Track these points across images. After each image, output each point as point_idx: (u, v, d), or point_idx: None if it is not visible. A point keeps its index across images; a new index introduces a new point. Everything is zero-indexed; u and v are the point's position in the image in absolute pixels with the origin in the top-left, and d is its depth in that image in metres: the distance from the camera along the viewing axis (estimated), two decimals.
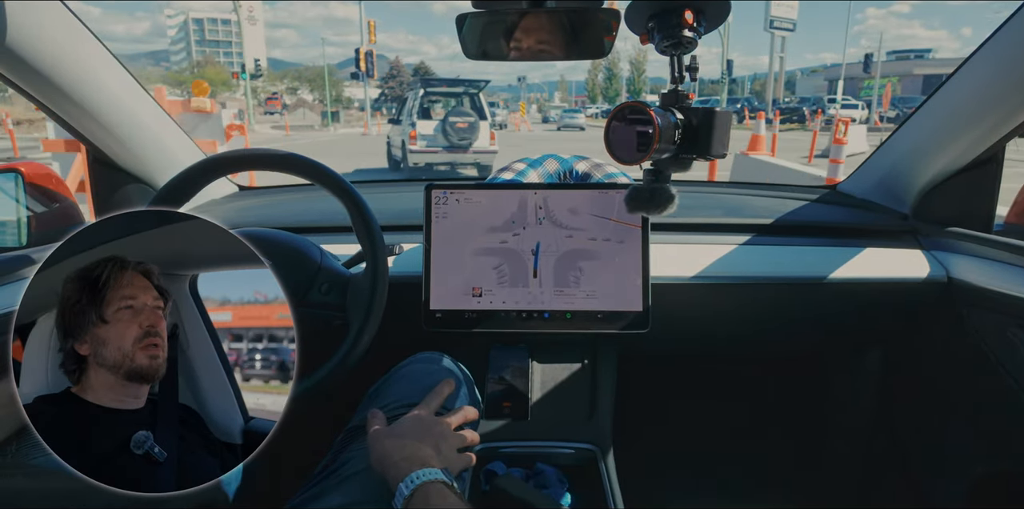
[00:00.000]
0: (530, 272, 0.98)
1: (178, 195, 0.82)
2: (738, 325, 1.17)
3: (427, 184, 1.00)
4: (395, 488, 0.59)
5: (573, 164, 1.18)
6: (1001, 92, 0.90)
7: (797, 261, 1.07)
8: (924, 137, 1.07)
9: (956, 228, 1.07)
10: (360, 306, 0.79)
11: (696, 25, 0.67)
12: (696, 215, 1.13)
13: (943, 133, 1.02)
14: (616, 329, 0.97)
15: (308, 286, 0.83)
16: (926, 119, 1.06)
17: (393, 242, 0.95)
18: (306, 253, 0.86)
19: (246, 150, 0.86)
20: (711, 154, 0.70)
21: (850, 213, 1.21)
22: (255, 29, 46.90)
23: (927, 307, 1.08)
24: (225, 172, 0.86)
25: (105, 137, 1.05)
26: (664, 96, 0.73)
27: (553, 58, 0.79)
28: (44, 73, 0.88)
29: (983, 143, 0.98)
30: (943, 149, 1.03)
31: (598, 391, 1.07)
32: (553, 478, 0.98)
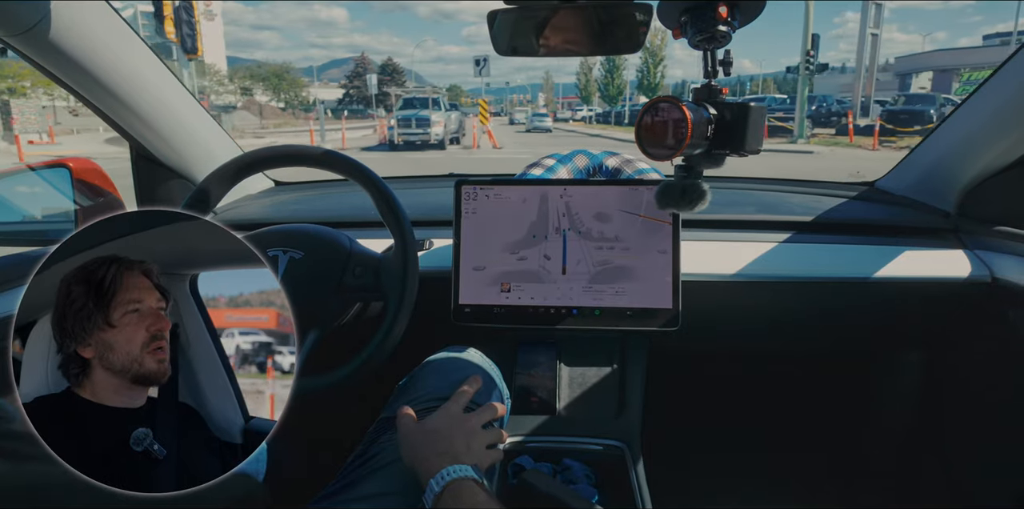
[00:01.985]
0: (559, 268, 0.98)
1: (213, 192, 0.86)
2: (771, 325, 1.15)
3: (457, 180, 1.00)
4: (425, 484, 0.60)
5: (603, 159, 1.17)
6: None
7: (834, 260, 1.04)
8: (969, 133, 1.03)
9: (1002, 227, 1.03)
10: (395, 285, 0.83)
11: (731, 19, 0.66)
12: (729, 212, 1.12)
13: (989, 129, 0.99)
14: (646, 326, 0.96)
15: (342, 271, 0.86)
16: (971, 115, 1.02)
17: (424, 237, 0.97)
18: (336, 240, 0.89)
19: (281, 147, 0.88)
20: (745, 150, 0.69)
21: (889, 211, 1.18)
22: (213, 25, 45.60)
23: (970, 308, 1.04)
24: (259, 169, 0.89)
25: (148, 134, 1.08)
26: (697, 91, 0.72)
27: (584, 54, 0.79)
28: (91, 71, 0.91)
29: None
30: (989, 145, 1.00)
31: (627, 388, 1.07)
32: (580, 474, 0.98)
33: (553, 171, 1.15)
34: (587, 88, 48.98)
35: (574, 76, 54.96)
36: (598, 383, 1.07)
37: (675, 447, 1.27)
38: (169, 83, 1.06)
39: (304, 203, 1.32)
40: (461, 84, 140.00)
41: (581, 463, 0.99)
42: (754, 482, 1.36)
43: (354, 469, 0.72)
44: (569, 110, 53.57)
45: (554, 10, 0.75)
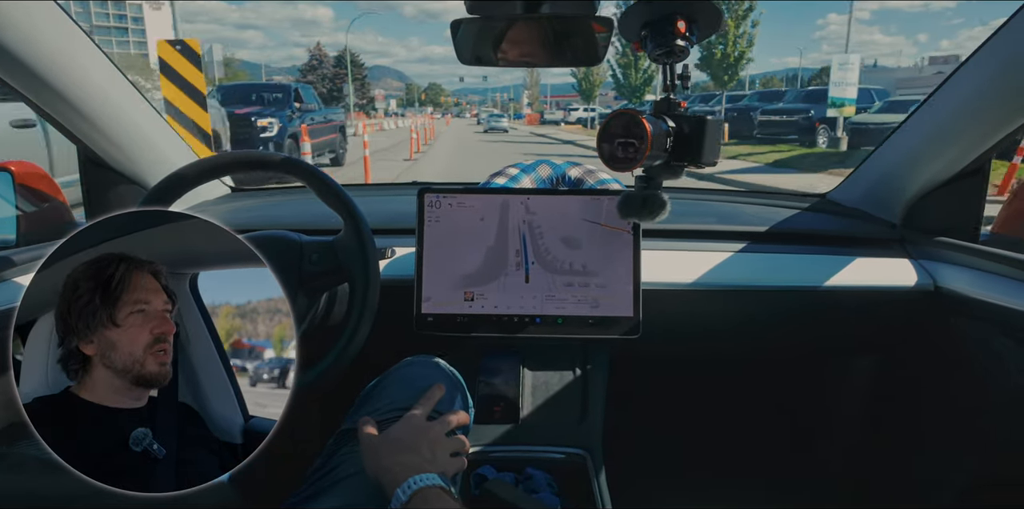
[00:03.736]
0: (522, 276, 0.98)
1: (166, 197, 0.83)
2: (729, 332, 1.17)
3: (420, 188, 1.00)
4: (391, 494, 0.59)
5: (566, 170, 1.18)
6: (986, 105, 0.92)
7: (787, 269, 1.08)
8: (913, 148, 1.08)
9: (943, 238, 1.08)
10: (355, 259, 0.82)
11: (688, 34, 0.67)
12: (688, 222, 1.14)
13: (931, 144, 1.04)
14: (607, 335, 0.97)
15: (298, 262, 0.85)
16: (915, 130, 1.07)
17: (386, 245, 0.96)
18: (285, 237, 0.89)
19: (238, 153, 0.87)
20: (702, 161, 0.70)
21: (840, 222, 1.22)
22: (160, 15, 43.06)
23: (915, 315, 1.09)
24: (216, 176, 0.87)
25: (96, 137, 1.04)
26: (656, 104, 0.73)
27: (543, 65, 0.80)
28: (36, 71, 0.87)
29: (969, 155, 0.99)
30: (931, 160, 1.05)
31: (589, 396, 1.07)
32: (543, 482, 0.98)
33: (516, 180, 1.16)
34: (588, 81, 36.26)
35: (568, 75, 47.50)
36: (561, 391, 1.07)
37: (638, 452, 1.28)
38: (118, 83, 1.03)
39: (261, 210, 1.29)
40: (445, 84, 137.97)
41: (543, 472, 0.99)
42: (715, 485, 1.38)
43: (314, 481, 0.71)
44: (561, 110, 45.39)
45: (514, 21, 0.76)
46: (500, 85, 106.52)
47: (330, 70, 55.69)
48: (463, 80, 72.34)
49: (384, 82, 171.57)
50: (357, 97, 57.84)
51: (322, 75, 55.21)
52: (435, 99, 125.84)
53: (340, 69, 53.09)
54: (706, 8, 0.67)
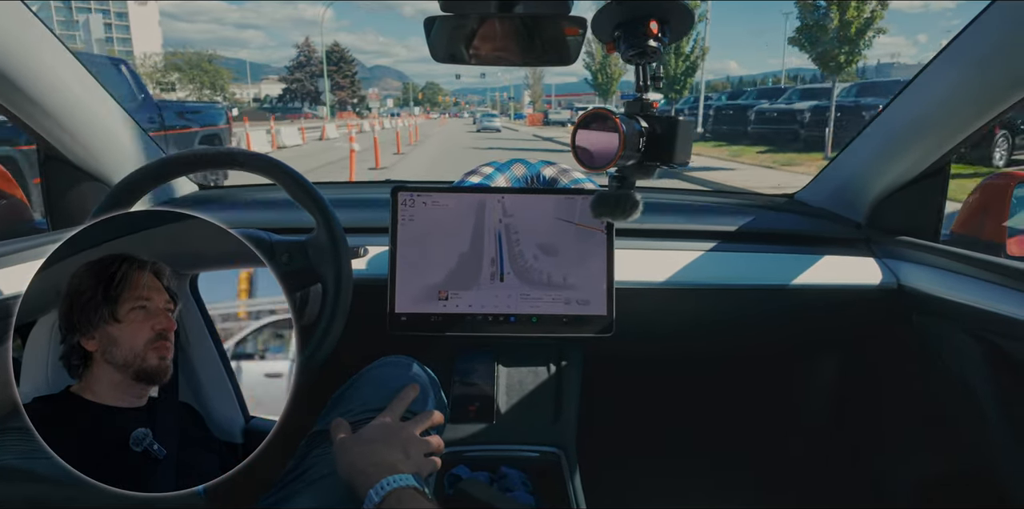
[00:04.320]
0: (497, 276, 0.98)
1: (131, 194, 0.81)
2: (699, 330, 1.19)
3: (394, 187, 0.99)
4: (364, 495, 0.58)
5: (540, 169, 1.19)
6: (946, 109, 0.95)
7: (755, 268, 1.10)
8: (877, 149, 1.11)
9: (905, 237, 1.11)
10: (326, 259, 0.80)
11: (661, 35, 0.68)
12: (660, 221, 1.15)
13: (894, 146, 1.07)
14: (581, 333, 0.98)
15: (269, 262, 0.83)
16: (879, 132, 1.10)
17: (358, 244, 0.95)
18: (254, 236, 0.86)
19: (208, 149, 0.85)
20: (674, 162, 0.71)
21: (807, 221, 1.25)
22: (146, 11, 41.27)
23: (880, 313, 1.12)
24: (182, 173, 0.85)
25: (58, 133, 1.01)
26: (629, 104, 0.74)
27: (516, 64, 0.80)
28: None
29: (930, 157, 1.03)
30: (894, 161, 1.08)
31: (563, 394, 1.08)
32: (517, 481, 0.98)
33: (491, 179, 1.16)
34: (604, 73, 27.01)
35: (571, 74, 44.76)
36: (535, 389, 1.08)
37: (612, 450, 1.29)
38: (82, 79, 1.00)
39: (230, 208, 1.26)
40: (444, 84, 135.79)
41: (518, 470, 1.00)
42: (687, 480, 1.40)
43: (287, 484, 0.70)
44: (567, 109, 40.79)
45: (485, 19, 0.75)
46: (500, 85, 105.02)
47: (317, 67, 52.18)
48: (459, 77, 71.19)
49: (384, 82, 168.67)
50: (348, 96, 55.80)
51: (310, 72, 52.19)
52: (432, 98, 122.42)
53: (330, 66, 50.59)
54: (678, 9, 0.67)
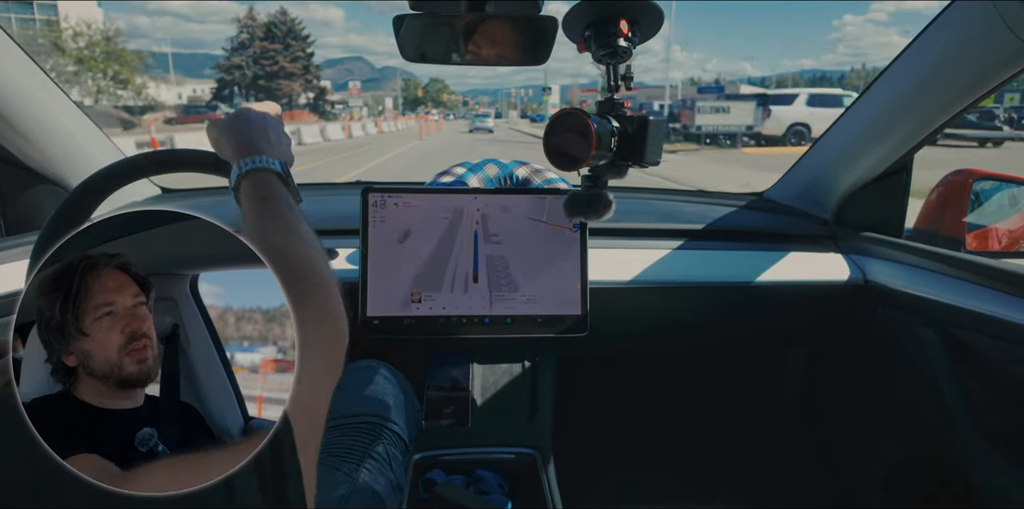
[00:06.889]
0: (470, 277, 0.97)
1: (91, 198, 0.78)
2: (671, 327, 1.20)
3: (364, 187, 0.97)
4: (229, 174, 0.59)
5: (513, 169, 1.18)
6: (909, 107, 0.97)
7: (726, 265, 1.11)
8: (842, 147, 1.14)
9: (870, 233, 1.14)
10: None
11: (631, 35, 0.68)
12: (631, 220, 1.16)
13: (859, 144, 1.09)
14: (556, 333, 0.98)
15: None
16: (844, 130, 1.13)
17: (329, 246, 0.93)
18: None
19: (168, 151, 0.82)
20: (645, 161, 0.72)
21: (775, 219, 1.27)
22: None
23: (847, 308, 1.14)
24: (144, 175, 0.82)
25: (9, 133, 0.97)
26: (600, 104, 0.74)
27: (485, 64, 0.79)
28: None
29: (894, 154, 1.05)
30: (859, 159, 1.10)
31: (539, 395, 1.07)
32: (493, 484, 0.98)
33: (463, 180, 1.15)
34: None
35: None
36: (511, 390, 1.07)
37: (587, 448, 1.30)
38: (35, 78, 0.96)
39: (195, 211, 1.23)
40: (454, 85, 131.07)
41: (494, 473, 0.99)
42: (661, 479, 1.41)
43: None
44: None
45: (456, 18, 0.75)
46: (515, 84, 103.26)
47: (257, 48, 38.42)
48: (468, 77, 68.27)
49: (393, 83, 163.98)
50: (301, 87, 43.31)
51: (252, 57, 38.77)
52: (436, 97, 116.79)
53: (274, 44, 37.03)
54: (648, 9, 0.68)
